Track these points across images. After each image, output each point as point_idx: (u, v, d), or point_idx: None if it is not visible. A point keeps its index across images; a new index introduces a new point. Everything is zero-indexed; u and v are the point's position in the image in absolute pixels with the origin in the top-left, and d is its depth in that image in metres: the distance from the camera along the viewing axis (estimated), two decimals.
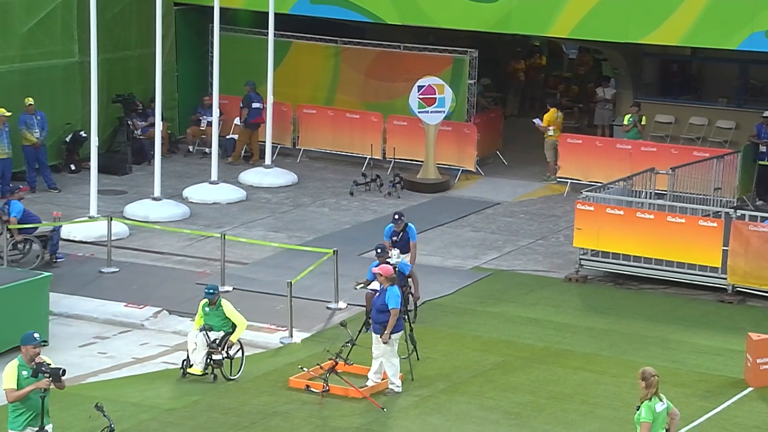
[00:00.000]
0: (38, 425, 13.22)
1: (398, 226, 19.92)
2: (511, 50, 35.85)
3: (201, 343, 17.17)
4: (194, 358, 17.22)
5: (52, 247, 21.97)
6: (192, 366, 17.23)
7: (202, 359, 17.17)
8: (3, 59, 26.41)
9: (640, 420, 13.30)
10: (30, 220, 21.87)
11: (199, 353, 17.17)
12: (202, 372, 17.17)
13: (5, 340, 17.56)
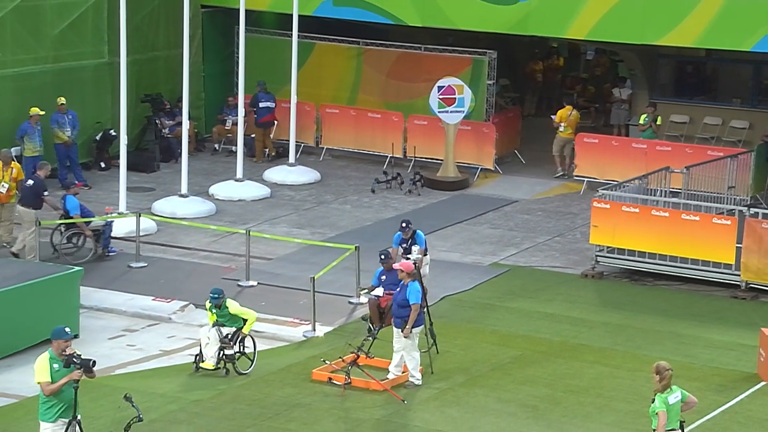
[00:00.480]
0: (70, 416, 13.29)
1: (406, 234, 19.74)
2: (529, 51, 35.82)
3: (213, 338, 17.11)
4: (207, 353, 17.13)
5: (104, 241, 22.12)
6: (204, 361, 17.15)
7: (214, 354, 17.08)
8: (36, 60, 26.51)
9: (655, 411, 13.30)
10: (84, 215, 22.02)
11: (211, 348, 17.09)
12: (215, 367, 17.09)
13: (37, 333, 17.64)
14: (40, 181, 22.26)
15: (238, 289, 20.82)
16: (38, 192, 22.02)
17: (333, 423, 15.89)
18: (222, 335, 17.17)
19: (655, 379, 13.41)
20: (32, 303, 18.06)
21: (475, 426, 15.92)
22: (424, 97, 28.35)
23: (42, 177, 22.34)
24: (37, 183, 22.23)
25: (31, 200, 21.98)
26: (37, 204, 22.01)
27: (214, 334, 17.13)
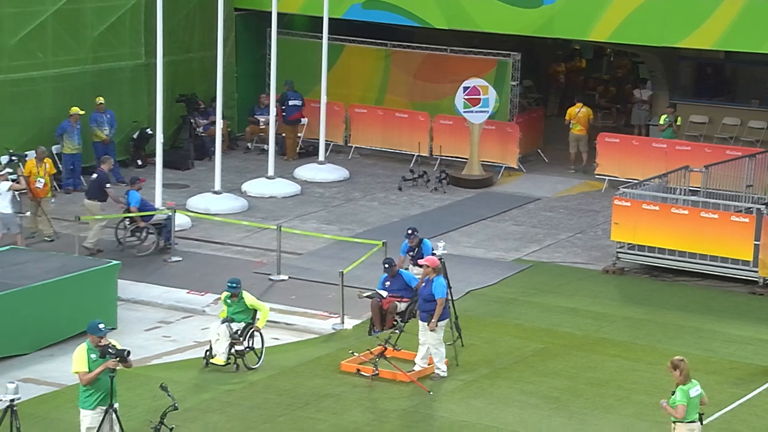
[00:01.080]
0: (107, 404, 13.37)
1: (413, 241, 19.48)
2: (552, 53, 35.73)
3: (224, 334, 16.90)
4: (217, 349, 16.92)
5: (165, 234, 22.26)
6: (215, 356, 16.93)
7: (224, 349, 16.87)
8: (76, 61, 26.64)
9: (675, 403, 13.28)
10: (147, 209, 22.19)
11: (221, 344, 16.89)
12: (225, 362, 16.87)
13: (77, 324, 17.74)
14: (104, 175, 22.59)
15: (270, 283, 20.87)
16: (101, 185, 22.35)
17: (361, 413, 15.90)
18: (232, 331, 16.94)
19: (675, 374, 13.39)
20: (72, 295, 18.18)
21: (499, 417, 15.90)
22: (450, 98, 28.32)
23: (105, 170, 22.68)
24: (100, 176, 22.55)
25: (96, 193, 22.34)
26: (102, 197, 22.37)
27: (225, 330, 16.90)
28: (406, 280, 18.63)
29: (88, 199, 22.52)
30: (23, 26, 25.38)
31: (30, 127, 25.54)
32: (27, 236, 22.09)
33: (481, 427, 15.57)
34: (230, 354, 16.97)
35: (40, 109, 25.91)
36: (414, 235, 19.41)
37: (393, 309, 18.47)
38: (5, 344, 17.36)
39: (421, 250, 19.36)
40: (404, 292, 18.58)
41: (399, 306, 18.53)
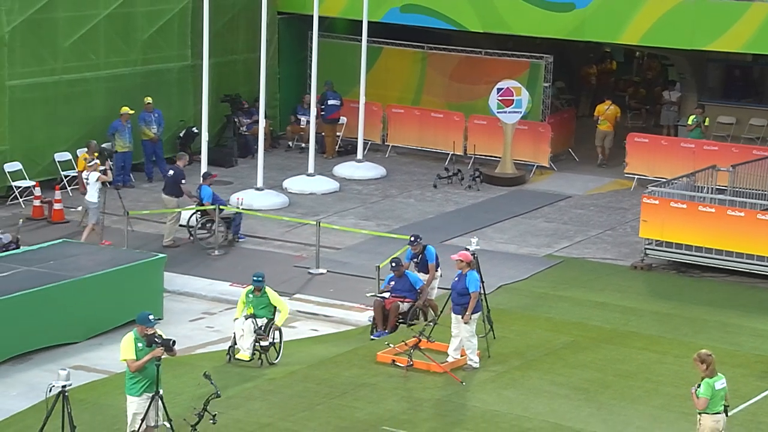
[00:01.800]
0: (153, 391, 13.44)
1: (416, 248, 18.64)
2: (583, 56, 35.57)
3: (248, 329, 16.57)
4: (242, 344, 16.60)
5: (234, 227, 22.43)
6: (240, 352, 16.64)
7: (249, 345, 16.57)
8: (126, 63, 26.81)
9: (699, 395, 13.20)
10: (217, 203, 22.35)
11: (246, 339, 16.57)
12: (250, 358, 16.61)
13: (125, 314, 17.88)
14: (179, 171, 22.79)
15: (309, 276, 20.90)
16: (177, 180, 22.54)
17: (396, 402, 15.90)
18: (257, 326, 16.62)
19: (701, 368, 13.31)
20: (121, 286, 18.29)
21: (530, 407, 15.86)
22: (484, 99, 28.26)
23: (181, 167, 22.89)
24: (176, 172, 22.75)
25: (172, 189, 22.56)
26: (178, 192, 22.55)
27: (249, 326, 16.57)
28: (411, 281, 18.22)
29: (165, 194, 22.76)
30: (77, 29, 25.56)
31: (83, 126, 25.73)
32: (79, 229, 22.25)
33: (512, 417, 15.54)
34: (255, 349, 16.68)
35: (92, 108, 26.09)
36: (417, 242, 18.66)
37: (395, 309, 18.04)
38: (58, 333, 17.52)
39: (425, 256, 18.65)
40: (408, 293, 18.19)
41: (402, 306, 18.13)
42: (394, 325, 18.05)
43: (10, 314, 16.86)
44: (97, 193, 21.95)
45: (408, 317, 18.20)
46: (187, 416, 14.11)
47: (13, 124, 24.37)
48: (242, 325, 16.63)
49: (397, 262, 18.24)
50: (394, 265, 18.18)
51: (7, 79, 24.17)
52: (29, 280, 17.60)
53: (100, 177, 21.97)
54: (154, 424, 13.54)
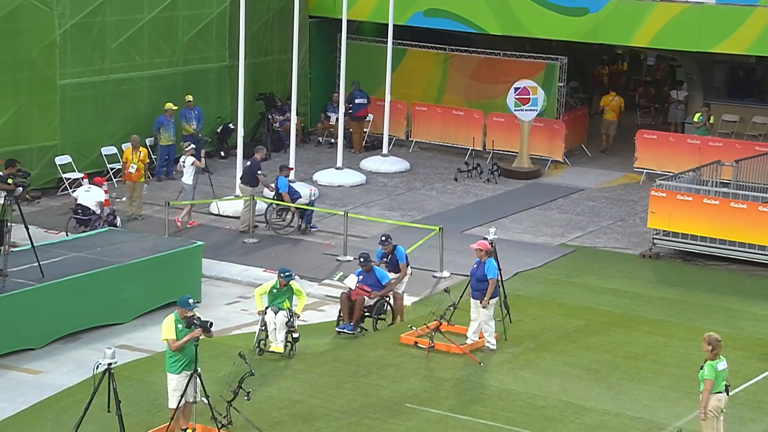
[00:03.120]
0: (192, 369, 13.49)
1: (386, 248, 17.82)
2: (596, 57, 35.43)
3: (280, 323, 16.06)
4: (275, 337, 16.11)
5: (307, 217, 22.48)
6: (273, 344, 16.12)
7: (283, 337, 16.10)
8: (169, 63, 26.88)
9: (703, 377, 13.15)
10: (292, 193, 22.47)
11: (280, 332, 16.07)
12: (284, 350, 16.13)
13: (166, 297, 17.96)
14: (257, 162, 22.89)
15: (337, 263, 20.91)
16: (254, 171, 22.65)
17: (419, 381, 15.90)
18: (288, 319, 16.11)
19: (707, 349, 13.24)
20: (162, 272, 18.37)
21: (544, 386, 15.83)
22: (502, 97, 28.19)
23: (258, 159, 22.98)
24: (253, 164, 22.86)
25: (249, 179, 22.65)
26: (254, 182, 22.65)
27: (281, 319, 16.06)
28: (378, 276, 17.37)
29: (243, 183, 22.85)
30: (123, 32, 25.65)
31: (128, 122, 25.82)
32: (124, 219, 22.34)
33: (528, 396, 15.52)
34: (287, 341, 16.27)
35: (137, 105, 26.18)
36: (387, 242, 17.83)
37: (361, 302, 17.23)
38: (105, 314, 17.62)
39: (395, 256, 17.83)
40: (374, 287, 17.37)
41: (367, 300, 17.30)
42: (359, 317, 17.27)
43: (61, 297, 16.98)
44: (192, 176, 22.58)
45: (374, 311, 17.46)
46: (223, 393, 14.16)
47: (64, 121, 24.49)
48: (274, 319, 16.16)
49: (366, 257, 17.33)
50: (363, 260, 17.32)
51: (59, 79, 24.28)
52: (78, 265, 17.72)
53: (195, 162, 22.57)
54: (193, 400, 13.59)
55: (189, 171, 22.73)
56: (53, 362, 16.34)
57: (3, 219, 17.03)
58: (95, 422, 13.23)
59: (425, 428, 14.46)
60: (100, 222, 21.03)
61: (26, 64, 23.63)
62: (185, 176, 22.81)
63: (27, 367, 16.13)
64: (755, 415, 15.20)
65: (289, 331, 16.21)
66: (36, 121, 23.95)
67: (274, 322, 16.14)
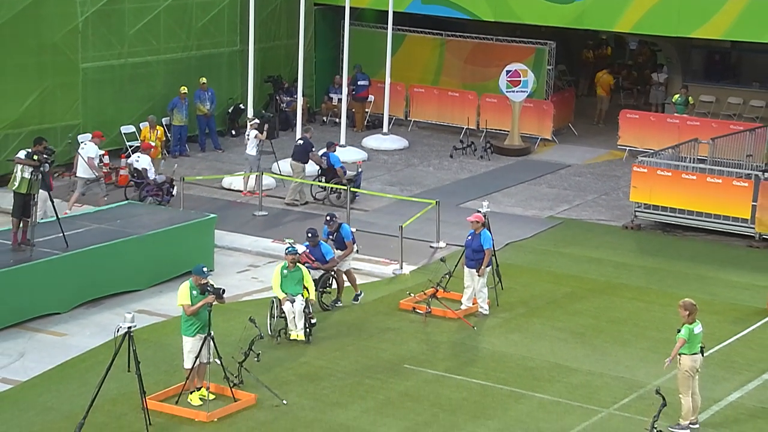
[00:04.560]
0: (205, 333, 13.51)
1: (331, 227, 17.32)
2: (582, 42, 35.27)
3: (299, 311, 15.48)
4: (295, 326, 15.48)
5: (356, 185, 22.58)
6: (293, 332, 15.49)
7: (302, 325, 15.50)
8: (183, 48, 26.76)
9: (678, 337, 13.21)
10: (341, 168, 22.61)
11: (299, 321, 15.47)
12: (305, 337, 15.54)
13: (181, 266, 17.94)
14: (308, 141, 22.91)
15: None
16: (306, 149, 22.70)
17: (417, 344, 15.93)
18: (305, 308, 15.53)
19: (684, 314, 13.29)
20: (178, 242, 18.35)
21: (533, 349, 15.86)
22: (495, 80, 28.09)
23: (309, 137, 23.06)
24: (306, 142, 22.89)
25: (301, 156, 22.72)
26: (305, 159, 22.70)
27: (300, 307, 15.48)
28: (323, 251, 16.84)
29: (294, 160, 22.85)
30: (141, 18, 25.52)
31: (145, 102, 25.73)
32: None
33: (518, 357, 15.54)
34: (306, 328, 15.64)
35: (153, 87, 26.07)
36: (333, 221, 17.33)
37: None
38: (124, 281, 17.62)
39: (341, 234, 17.35)
40: (319, 262, 16.80)
41: (313, 273, 16.50)
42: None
43: (85, 265, 16.98)
44: (255, 148, 22.77)
45: (319, 284, 16.77)
46: (234, 355, 14.19)
47: (86, 102, 24.41)
48: (293, 308, 15.50)
49: (313, 233, 16.86)
50: (310, 235, 16.83)
51: (81, 63, 24.20)
52: (100, 235, 17.71)
53: (258, 135, 22.76)
54: (206, 361, 13.63)
55: (252, 143, 22.87)
56: (77, 326, 16.36)
57: (29, 193, 17.00)
58: (116, 381, 13.26)
59: (423, 388, 14.50)
60: (152, 188, 21.35)
61: (50, 48, 23.53)
62: (249, 148, 22.93)
63: (53, 330, 16.16)
64: (728, 374, 15.24)
65: (308, 318, 15.58)
66: (60, 102, 23.88)
67: (293, 311, 15.52)
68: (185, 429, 13.14)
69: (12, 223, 17.09)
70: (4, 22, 22.44)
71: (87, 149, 21.45)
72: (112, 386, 13.32)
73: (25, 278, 16.23)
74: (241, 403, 13.68)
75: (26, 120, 23.04)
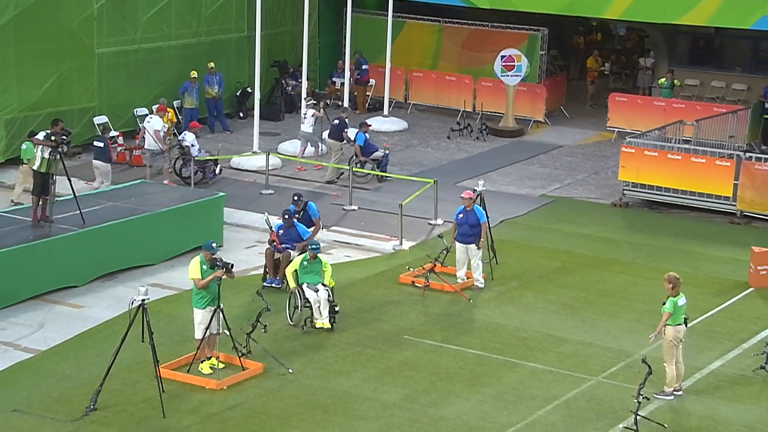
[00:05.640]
0: (215, 305, 13.52)
1: (299, 206, 17.10)
2: (574, 28, 35.12)
3: (324, 299, 15.00)
4: (320, 314, 15.01)
5: (382, 168, 22.60)
6: (319, 321, 15.03)
7: (327, 313, 15.03)
8: (193, 34, 26.65)
9: (664, 310, 13.20)
10: (369, 147, 22.66)
11: (324, 309, 14.99)
12: (330, 325, 15.06)
13: (192, 241, 17.93)
14: (343, 121, 23.03)
15: (343, 212, 20.87)
16: (341, 129, 22.85)
17: (416, 316, 15.94)
18: (329, 297, 15.07)
19: (668, 287, 13.29)
20: (188, 219, 18.33)
21: (526, 320, 15.88)
22: (490, 64, 27.98)
23: (344, 117, 23.16)
24: (341, 122, 23.01)
25: (336, 135, 22.91)
26: (340, 138, 22.81)
27: (324, 296, 15.00)
28: (299, 231, 16.65)
29: (330, 139, 22.98)
30: (153, 6, 25.41)
31: (157, 86, 25.65)
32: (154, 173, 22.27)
33: (512, 328, 15.56)
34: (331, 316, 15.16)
35: (165, 72, 25.99)
36: (300, 201, 17.15)
37: (287, 258, 16.26)
38: (138, 256, 17.62)
39: (307, 212, 17.26)
40: (296, 241, 16.55)
41: (292, 254, 16.28)
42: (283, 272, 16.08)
43: (100, 240, 16.98)
44: (311, 126, 23.17)
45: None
46: (242, 326, 14.20)
47: (101, 85, 24.34)
48: (317, 297, 14.98)
49: (289, 214, 16.67)
50: (287, 216, 16.64)
51: (97, 48, 24.11)
52: (115, 213, 17.69)
53: (315, 113, 23.10)
54: (216, 332, 13.65)
55: (309, 121, 23.18)
56: (94, 298, 16.37)
57: (48, 172, 16.98)
58: (131, 350, 13.29)
59: (421, 357, 14.52)
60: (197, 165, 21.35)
61: (67, 34, 23.44)
62: (305, 126, 23.22)
63: (71, 302, 16.17)
64: (710, 343, 15.26)
65: (332, 306, 15.10)
66: (76, 86, 23.81)
67: (318, 300, 15.00)
68: (196, 396, 13.18)
69: (32, 201, 17.09)
70: (23, 9, 22.36)
71: (153, 122, 21.66)
72: (127, 355, 13.34)
73: (44, 253, 16.24)
74: (249, 372, 13.71)
75: (45, 103, 22.99)
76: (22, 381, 13.50)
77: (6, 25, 22.14)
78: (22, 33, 22.42)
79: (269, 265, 16.67)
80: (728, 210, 21.01)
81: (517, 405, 13.21)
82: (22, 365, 13.98)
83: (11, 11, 22.16)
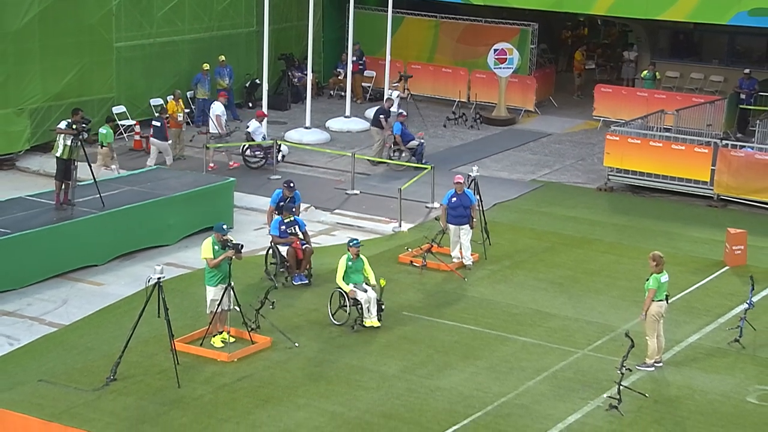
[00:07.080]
0: (226, 283, 13.52)
1: (290, 192, 16.71)
2: (562, 23, 34.98)
3: (373, 300, 14.49)
4: (369, 314, 14.46)
5: (418, 156, 22.47)
6: (369, 320, 14.46)
7: (375, 312, 14.52)
8: (206, 28, 26.53)
9: (648, 287, 13.20)
10: (406, 136, 22.57)
11: (373, 308, 14.49)
12: (379, 323, 14.50)
13: (204, 223, 17.92)
14: (383, 109, 23.14)
15: (346, 196, 20.83)
16: (377, 116, 22.89)
17: (414, 293, 15.93)
18: (377, 296, 14.56)
19: (652, 265, 13.28)
20: (201, 203, 18.31)
21: (517, 297, 15.87)
22: (484, 57, 27.86)
23: (387, 107, 23.21)
24: (380, 110, 23.15)
25: (376, 122, 22.96)
26: (380, 125, 22.85)
27: (373, 295, 14.49)
28: (300, 223, 16.29)
29: (372, 126, 23.08)
30: (168, 2, 25.29)
31: (171, 78, 25.57)
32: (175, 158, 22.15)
33: (504, 305, 15.56)
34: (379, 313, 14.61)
35: (179, 64, 25.89)
36: (291, 188, 16.78)
37: (309, 253, 15.97)
38: (155, 237, 17.61)
39: (293, 200, 16.79)
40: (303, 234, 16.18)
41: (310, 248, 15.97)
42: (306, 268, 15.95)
43: (119, 222, 16.98)
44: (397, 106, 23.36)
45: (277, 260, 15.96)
46: (252, 302, 14.19)
47: (119, 77, 24.27)
48: (367, 297, 14.47)
49: (288, 209, 16.19)
50: (292, 185, 16.66)
51: (115, 42, 24.04)
52: (132, 197, 17.68)
53: (400, 94, 23.37)
54: (227, 308, 13.65)
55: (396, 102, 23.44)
56: (113, 276, 16.37)
57: (70, 158, 16.95)
58: (148, 325, 13.29)
59: (419, 332, 14.52)
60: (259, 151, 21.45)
61: (87, 29, 23.36)
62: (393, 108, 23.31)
63: (92, 279, 16.17)
64: (689, 318, 15.26)
65: (380, 305, 14.62)
66: (96, 77, 23.75)
67: (369, 299, 14.49)
68: (209, 368, 13.19)
69: (55, 186, 17.08)
70: (47, 6, 22.29)
71: (214, 108, 21.75)
72: (144, 330, 13.35)
73: (66, 234, 16.26)
74: (258, 345, 13.71)
75: (66, 93, 22.94)
76: (47, 353, 13.52)
77: (31, 22, 22.08)
78: (46, 28, 22.35)
79: (292, 264, 15.96)
80: (706, 194, 20.98)
81: (509, 376, 13.22)
82: (47, 338, 13.99)
83: (35, 8, 22.09)
